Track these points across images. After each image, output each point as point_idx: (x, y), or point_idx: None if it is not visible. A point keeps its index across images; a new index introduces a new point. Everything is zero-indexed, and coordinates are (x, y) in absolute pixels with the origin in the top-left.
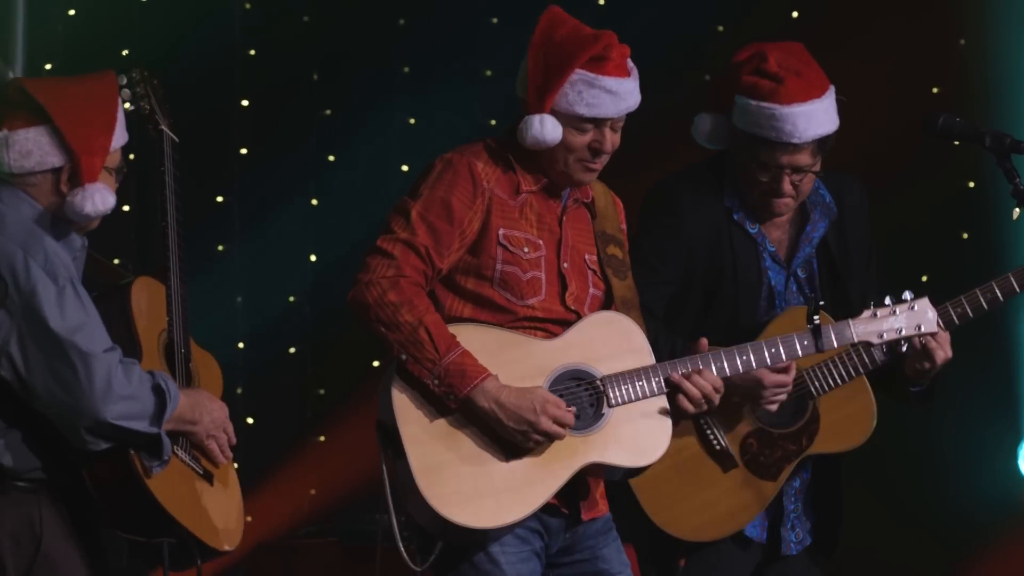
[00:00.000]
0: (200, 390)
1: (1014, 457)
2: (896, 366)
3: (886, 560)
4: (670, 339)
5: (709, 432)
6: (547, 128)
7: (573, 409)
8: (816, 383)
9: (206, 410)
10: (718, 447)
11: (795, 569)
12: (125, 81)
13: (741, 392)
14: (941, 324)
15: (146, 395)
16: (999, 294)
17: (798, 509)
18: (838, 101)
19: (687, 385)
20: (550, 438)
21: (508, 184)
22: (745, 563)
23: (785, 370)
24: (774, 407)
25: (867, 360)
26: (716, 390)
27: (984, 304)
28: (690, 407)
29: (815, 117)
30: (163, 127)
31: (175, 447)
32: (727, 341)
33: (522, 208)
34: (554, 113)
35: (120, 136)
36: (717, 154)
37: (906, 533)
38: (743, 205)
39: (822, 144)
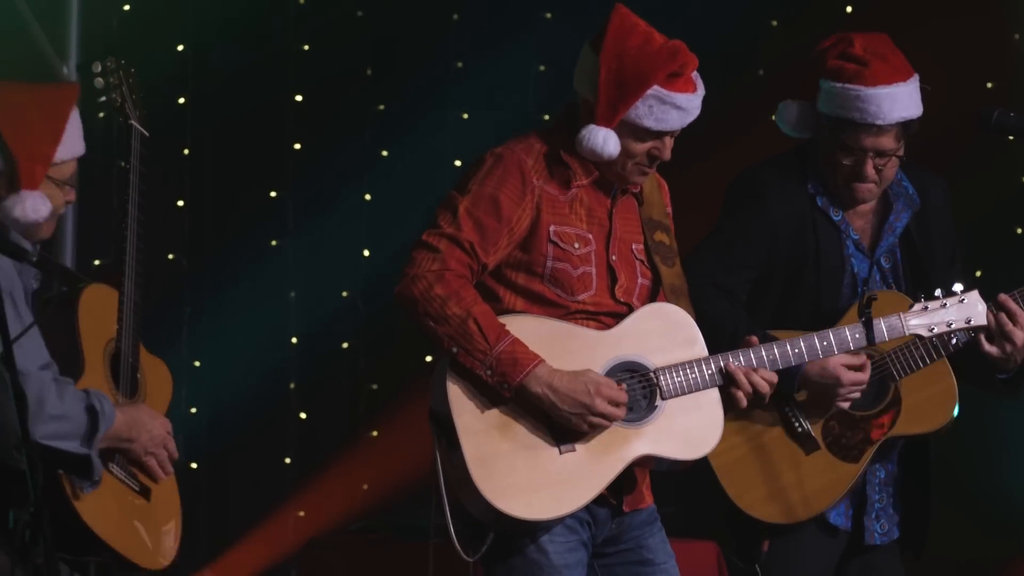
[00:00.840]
0: (140, 406)
1: None
2: (980, 351)
3: (936, 552)
4: (751, 329)
5: (791, 414)
6: (609, 145)
7: (623, 386)
8: (898, 365)
9: (144, 427)
10: (800, 429)
11: (880, 561)
12: (99, 69)
13: (818, 388)
14: (1018, 317)
15: (78, 415)
16: None
17: (883, 500)
18: (922, 89)
19: (741, 379)
20: (606, 419)
21: (559, 179)
22: (829, 550)
23: (861, 368)
24: (847, 405)
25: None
26: (771, 385)
27: None
28: (743, 401)
29: (899, 100)
30: (132, 121)
31: (110, 463)
32: (809, 327)
33: (572, 203)
34: (620, 123)
35: (71, 148)
36: (801, 144)
37: (959, 525)
38: (827, 192)
39: (906, 128)
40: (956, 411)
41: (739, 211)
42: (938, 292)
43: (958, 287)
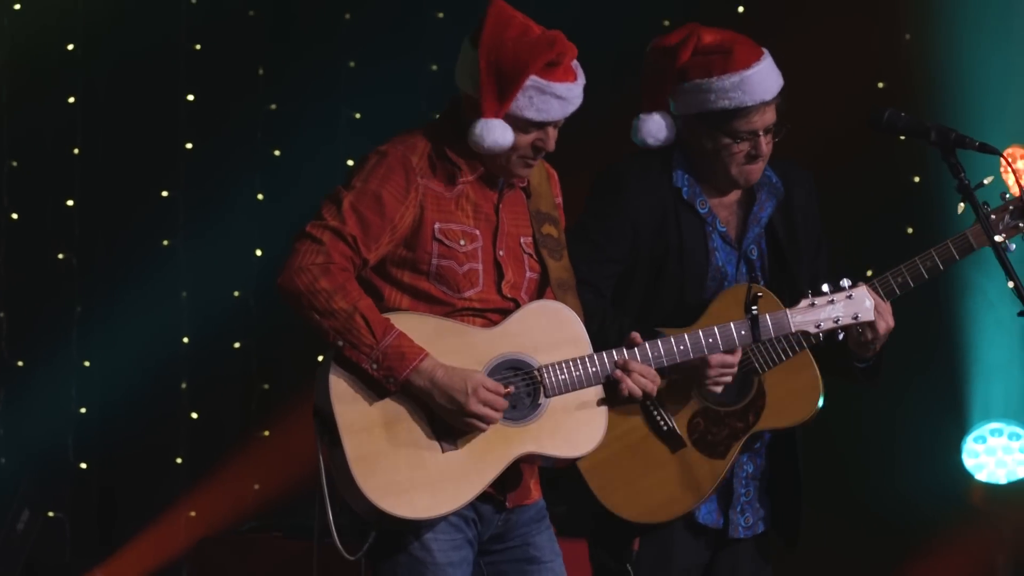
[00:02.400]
0: None
1: (958, 452)
2: (841, 341)
3: (828, 554)
4: (617, 320)
5: (656, 413)
6: (507, 136)
7: (511, 388)
8: (760, 359)
9: None
10: (665, 428)
11: (745, 556)
12: None
13: (685, 372)
14: (879, 307)
15: None
16: (939, 262)
17: (750, 494)
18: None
19: (627, 382)
20: (481, 420)
21: (444, 175)
22: (700, 548)
23: (731, 351)
24: (719, 389)
25: None
26: (653, 382)
27: (924, 272)
28: (627, 399)
29: (770, 73)
30: None
31: None
32: (673, 321)
33: (458, 199)
34: (503, 116)
35: None
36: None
37: (849, 527)
38: (698, 184)
39: (782, 97)
40: (821, 402)
41: (600, 206)
42: (825, 288)
43: (845, 282)
